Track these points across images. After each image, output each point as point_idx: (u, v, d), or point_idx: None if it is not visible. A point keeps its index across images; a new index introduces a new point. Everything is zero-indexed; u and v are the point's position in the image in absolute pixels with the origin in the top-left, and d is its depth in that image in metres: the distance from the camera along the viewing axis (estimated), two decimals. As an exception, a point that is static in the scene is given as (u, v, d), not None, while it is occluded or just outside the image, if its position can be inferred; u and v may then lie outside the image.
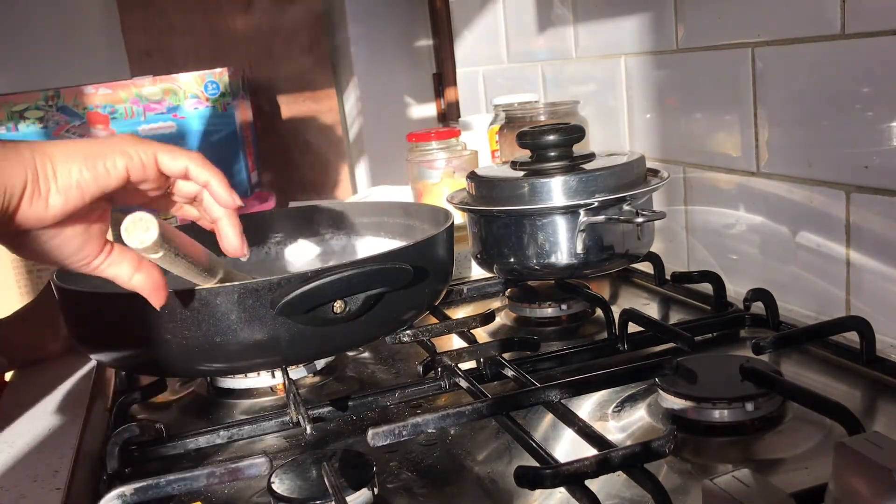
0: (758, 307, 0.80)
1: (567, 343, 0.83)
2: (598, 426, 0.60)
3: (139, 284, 0.54)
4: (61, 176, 0.48)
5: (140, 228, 0.50)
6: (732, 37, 0.88)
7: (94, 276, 0.54)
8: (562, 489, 0.53)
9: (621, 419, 0.66)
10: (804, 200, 0.82)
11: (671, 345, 0.76)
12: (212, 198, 0.58)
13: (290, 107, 2.33)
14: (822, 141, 0.79)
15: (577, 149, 0.88)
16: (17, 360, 0.92)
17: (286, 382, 0.71)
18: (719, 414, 0.61)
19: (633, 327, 0.78)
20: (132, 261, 0.54)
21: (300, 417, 0.66)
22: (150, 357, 0.64)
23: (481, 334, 0.85)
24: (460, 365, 0.73)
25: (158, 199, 0.58)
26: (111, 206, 0.53)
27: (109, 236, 0.54)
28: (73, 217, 0.50)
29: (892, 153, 0.72)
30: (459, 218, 0.88)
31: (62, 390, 0.82)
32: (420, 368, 0.74)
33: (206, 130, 1.65)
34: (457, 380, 0.72)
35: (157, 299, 0.55)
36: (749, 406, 0.61)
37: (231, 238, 0.59)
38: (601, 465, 0.51)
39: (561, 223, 0.81)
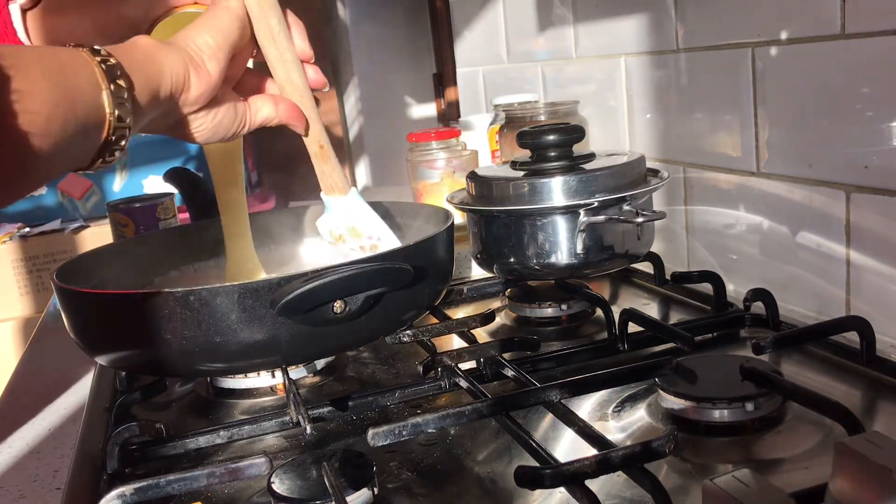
0: (758, 307, 0.80)
1: (567, 343, 0.83)
2: (598, 426, 0.60)
3: (285, 115, 0.65)
4: (204, 46, 0.57)
5: None
6: (732, 37, 0.88)
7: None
8: (562, 489, 0.53)
9: (621, 419, 0.66)
10: (804, 200, 0.82)
11: (671, 345, 0.76)
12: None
13: (290, 107, 2.33)
14: (822, 141, 0.79)
15: (577, 149, 0.88)
16: None
17: (286, 382, 0.71)
18: (719, 414, 0.61)
19: (633, 327, 0.78)
20: (268, 100, 0.64)
21: (300, 417, 0.66)
22: (150, 357, 0.64)
23: (481, 334, 0.85)
24: (460, 365, 0.73)
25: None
26: (240, 72, 0.65)
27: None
28: (223, 92, 0.60)
29: (892, 153, 0.72)
30: (459, 218, 0.88)
31: (62, 390, 0.82)
32: (420, 368, 0.74)
33: (207, 130, 1.65)
34: (457, 380, 0.72)
35: (301, 126, 0.66)
36: (749, 406, 0.61)
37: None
38: (601, 465, 0.51)
39: (561, 223, 0.81)
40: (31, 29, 0.68)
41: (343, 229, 0.73)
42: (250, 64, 0.68)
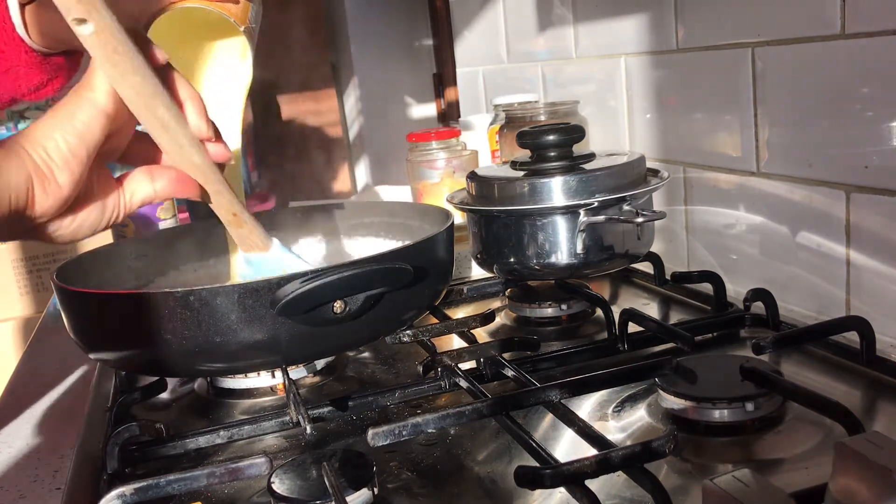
0: (758, 307, 0.80)
1: (567, 343, 0.83)
2: (598, 426, 0.60)
3: (164, 191, 0.55)
4: (54, 152, 0.49)
5: None
6: (732, 37, 0.88)
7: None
8: (562, 489, 0.53)
9: (621, 419, 0.66)
10: (804, 200, 0.82)
11: (671, 345, 0.76)
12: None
13: (290, 107, 2.33)
14: (822, 141, 0.79)
15: (577, 149, 0.88)
16: None
17: (286, 382, 0.71)
18: (719, 414, 0.61)
19: (633, 327, 0.78)
20: (144, 178, 0.55)
21: (300, 417, 0.66)
22: (150, 357, 0.64)
23: (481, 334, 0.85)
24: (460, 365, 0.73)
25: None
26: (108, 163, 0.54)
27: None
28: (84, 194, 0.51)
29: (892, 153, 0.72)
30: (459, 218, 0.88)
31: (62, 390, 0.82)
32: (420, 368, 0.74)
33: (206, 130, 1.65)
34: (457, 380, 0.72)
35: (191, 192, 0.56)
36: (749, 406, 0.61)
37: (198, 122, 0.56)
38: (601, 465, 0.51)
39: (561, 223, 0.81)
40: (29, 23, 0.68)
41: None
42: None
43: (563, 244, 0.82)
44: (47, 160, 0.49)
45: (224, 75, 0.73)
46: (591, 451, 0.55)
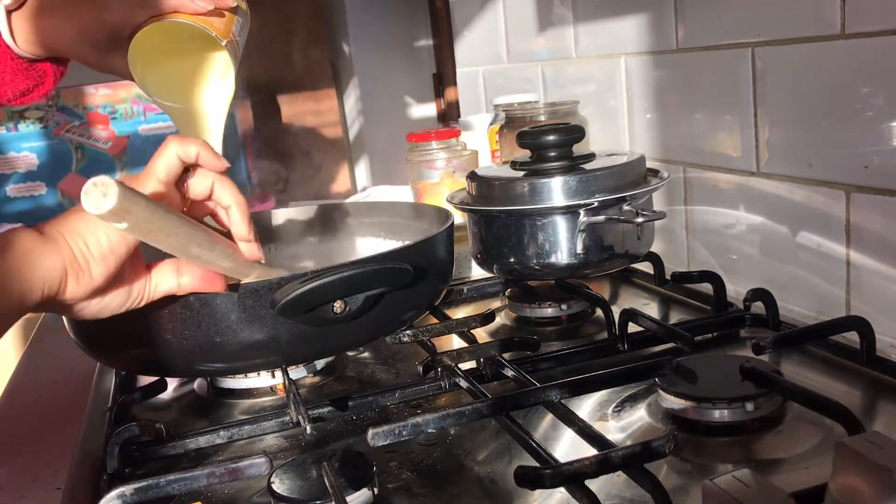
0: (758, 307, 0.80)
1: (567, 343, 0.83)
2: (598, 426, 0.60)
3: (189, 285, 0.57)
4: (93, 247, 0.51)
5: (98, 193, 0.47)
6: (732, 37, 0.88)
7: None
8: (562, 489, 0.53)
9: (621, 419, 0.66)
10: (804, 200, 0.82)
11: (671, 345, 0.76)
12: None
13: (290, 107, 2.33)
14: (822, 141, 0.79)
15: (577, 149, 0.88)
16: None
17: (286, 382, 0.71)
18: (719, 414, 0.61)
19: (633, 327, 0.78)
20: (171, 270, 0.57)
21: (300, 417, 0.66)
22: (150, 357, 0.64)
23: (481, 334, 0.85)
24: (460, 365, 0.73)
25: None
26: (140, 252, 0.55)
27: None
28: (114, 279, 0.53)
29: (892, 153, 0.72)
30: (459, 218, 0.88)
31: (62, 390, 0.82)
32: (420, 368, 0.74)
33: (207, 130, 1.65)
34: (457, 380, 0.72)
35: (217, 287, 0.58)
36: (749, 406, 0.61)
37: (240, 227, 0.59)
38: (601, 465, 0.51)
39: (561, 223, 0.81)
40: (15, 30, 0.68)
41: None
42: None
43: (563, 244, 0.82)
44: (86, 253, 0.50)
45: (207, 88, 0.73)
46: (591, 451, 0.55)
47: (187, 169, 0.57)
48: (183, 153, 0.55)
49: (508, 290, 0.96)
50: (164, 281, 0.57)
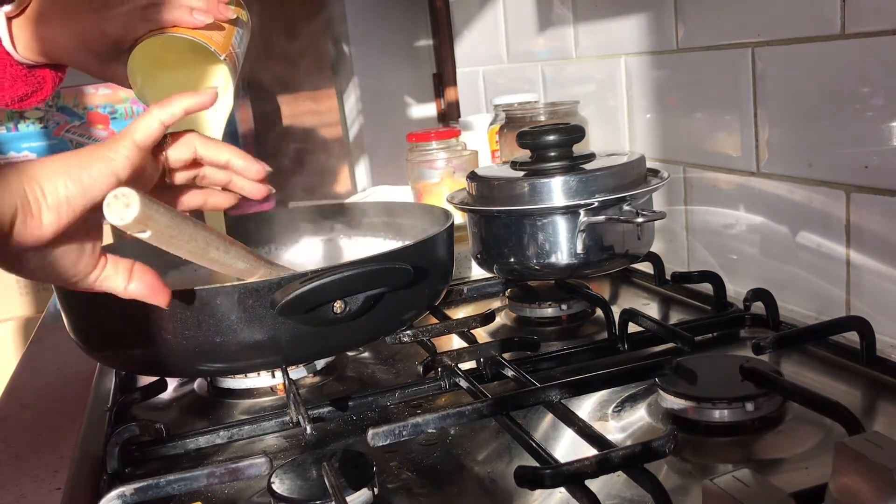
0: (758, 307, 0.80)
1: (567, 343, 0.83)
2: (598, 426, 0.60)
3: (135, 292, 0.54)
4: (49, 194, 0.48)
5: (120, 204, 0.47)
6: (732, 37, 0.88)
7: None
8: (562, 489, 0.53)
9: (621, 419, 0.66)
10: (804, 200, 0.82)
11: (671, 345, 0.76)
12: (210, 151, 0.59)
13: (290, 107, 2.33)
14: (822, 141, 0.79)
15: (577, 149, 0.88)
16: None
17: (286, 382, 0.71)
18: (719, 414, 0.61)
19: (633, 327, 0.78)
20: (125, 271, 0.54)
21: (300, 417, 0.66)
22: (150, 357, 0.64)
23: (481, 334, 0.85)
24: (460, 365, 0.73)
25: (159, 191, 0.58)
26: (103, 219, 0.53)
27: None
28: (66, 233, 0.50)
29: (892, 153, 0.72)
30: (459, 218, 0.88)
31: (62, 390, 0.82)
32: (420, 368, 0.74)
33: (206, 130, 1.65)
34: (457, 380, 0.72)
35: (160, 301, 0.55)
36: (749, 406, 0.61)
37: (248, 166, 0.60)
38: (601, 465, 0.51)
39: (561, 223, 0.81)
40: (15, 36, 0.68)
41: None
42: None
43: (563, 244, 0.82)
44: (39, 198, 0.48)
45: None
46: (591, 451, 0.55)
47: (165, 137, 0.56)
48: (166, 116, 0.54)
49: (508, 290, 0.96)
50: (112, 276, 0.54)
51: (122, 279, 0.54)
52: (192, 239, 0.53)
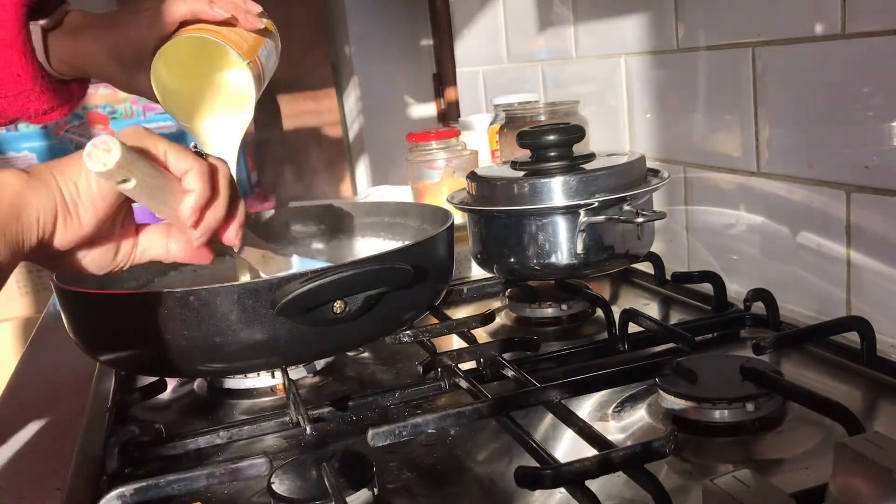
0: (758, 307, 0.80)
1: (567, 343, 0.83)
2: (598, 426, 0.60)
3: (176, 254, 0.56)
4: (83, 191, 0.49)
5: (101, 151, 0.46)
6: (732, 37, 0.88)
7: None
8: (562, 489, 0.53)
9: (621, 419, 0.66)
10: (804, 200, 0.82)
11: (671, 345, 0.76)
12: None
13: (290, 107, 2.33)
14: (822, 141, 0.79)
15: (577, 149, 0.88)
16: None
17: (286, 382, 0.71)
18: (720, 414, 0.61)
19: (633, 327, 0.78)
20: (160, 236, 0.56)
21: (300, 418, 0.66)
22: (150, 357, 0.64)
23: (481, 334, 0.85)
24: (460, 365, 0.73)
25: None
26: (132, 211, 0.55)
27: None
28: (103, 229, 0.52)
29: (893, 153, 0.72)
30: (459, 218, 0.88)
31: (62, 390, 0.82)
32: (420, 368, 0.74)
33: (206, 130, 1.65)
34: (457, 380, 0.72)
35: (203, 259, 0.57)
36: (749, 406, 0.61)
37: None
38: (601, 466, 0.51)
39: (561, 223, 0.81)
40: (50, 48, 0.69)
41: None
42: None
43: (563, 244, 0.82)
44: (75, 196, 0.49)
45: (227, 106, 0.73)
46: (591, 452, 0.55)
47: None
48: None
49: (508, 290, 0.96)
50: (153, 246, 0.56)
51: (163, 244, 0.56)
52: (176, 196, 0.53)
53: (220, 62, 0.71)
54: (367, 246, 0.91)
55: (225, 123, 0.73)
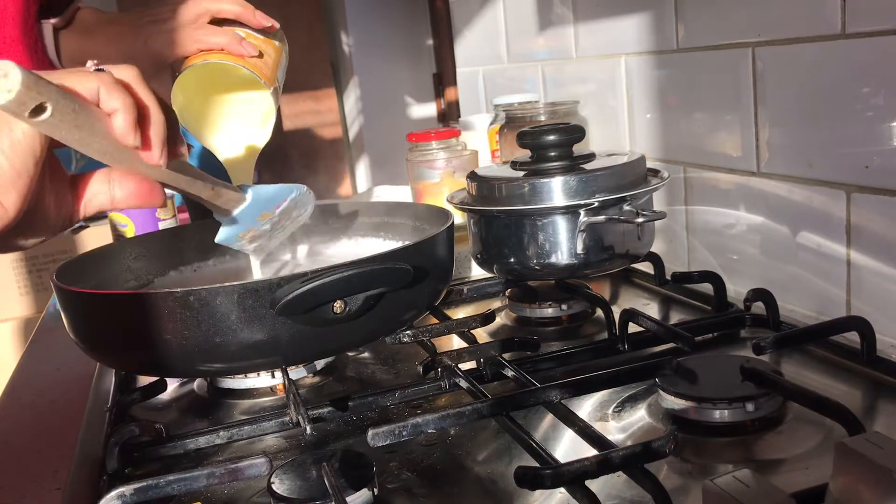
0: (758, 307, 0.80)
1: (567, 343, 0.83)
2: (598, 426, 0.60)
3: (122, 200, 0.51)
4: None
5: None
6: (732, 37, 0.88)
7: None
8: (562, 489, 0.53)
9: (621, 419, 0.66)
10: (804, 200, 0.82)
11: (671, 345, 0.76)
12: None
13: (290, 107, 2.33)
14: (822, 141, 0.79)
15: (577, 149, 0.88)
16: None
17: (286, 382, 0.71)
18: (720, 414, 0.61)
19: (633, 327, 0.78)
20: (101, 184, 0.51)
21: (300, 417, 0.66)
22: (150, 357, 0.64)
23: (481, 334, 0.85)
24: (460, 365, 0.73)
25: None
26: (58, 164, 0.51)
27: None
28: (36, 198, 0.48)
29: (893, 153, 0.72)
30: (459, 218, 0.88)
31: (62, 390, 0.82)
32: (420, 368, 0.74)
33: (206, 130, 1.65)
34: (457, 380, 0.72)
35: (155, 201, 0.52)
36: (749, 406, 0.61)
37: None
38: (601, 466, 0.51)
39: (561, 223, 0.81)
40: (62, 47, 0.69)
41: (252, 224, 0.68)
42: None
43: (563, 244, 0.82)
44: None
45: (246, 124, 0.73)
46: (591, 452, 0.55)
47: None
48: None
49: (508, 290, 0.96)
50: (96, 196, 0.51)
51: (105, 192, 0.51)
52: (103, 120, 0.46)
53: (242, 86, 0.71)
54: (366, 246, 0.91)
55: (243, 140, 0.73)
